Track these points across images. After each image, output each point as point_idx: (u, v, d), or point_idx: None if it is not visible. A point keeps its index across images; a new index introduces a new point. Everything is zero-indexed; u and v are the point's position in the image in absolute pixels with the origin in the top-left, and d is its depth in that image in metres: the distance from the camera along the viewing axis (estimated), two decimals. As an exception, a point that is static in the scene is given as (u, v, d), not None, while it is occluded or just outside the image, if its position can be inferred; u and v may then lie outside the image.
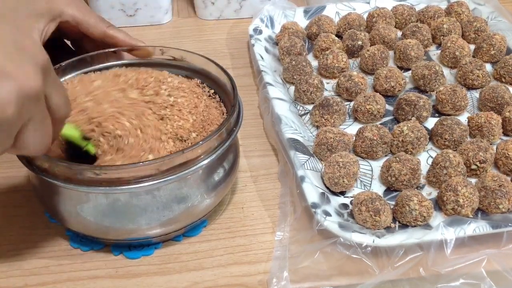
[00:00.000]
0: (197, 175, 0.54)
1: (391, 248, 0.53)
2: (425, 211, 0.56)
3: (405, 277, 0.53)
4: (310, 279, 0.53)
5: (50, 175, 0.51)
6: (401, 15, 0.88)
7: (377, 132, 0.64)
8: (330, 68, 0.78)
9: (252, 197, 0.63)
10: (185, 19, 0.98)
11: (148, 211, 0.52)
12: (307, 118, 0.72)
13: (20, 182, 0.65)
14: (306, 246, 0.55)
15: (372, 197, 0.56)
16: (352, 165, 0.60)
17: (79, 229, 0.55)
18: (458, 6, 0.88)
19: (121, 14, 0.93)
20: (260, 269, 0.55)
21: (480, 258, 0.53)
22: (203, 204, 0.55)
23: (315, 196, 0.58)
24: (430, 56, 0.83)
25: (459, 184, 0.57)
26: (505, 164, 0.62)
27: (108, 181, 0.50)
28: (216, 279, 0.54)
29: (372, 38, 0.83)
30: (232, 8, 0.96)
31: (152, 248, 0.57)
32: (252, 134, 0.71)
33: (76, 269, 0.55)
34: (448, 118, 0.66)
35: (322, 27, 0.85)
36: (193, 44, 0.90)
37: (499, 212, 0.58)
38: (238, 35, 0.92)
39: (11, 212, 0.62)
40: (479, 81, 0.75)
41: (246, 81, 0.81)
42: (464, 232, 0.54)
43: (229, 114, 0.55)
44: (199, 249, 0.57)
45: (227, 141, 0.54)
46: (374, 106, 0.69)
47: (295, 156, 0.63)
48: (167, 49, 0.65)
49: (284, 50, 0.80)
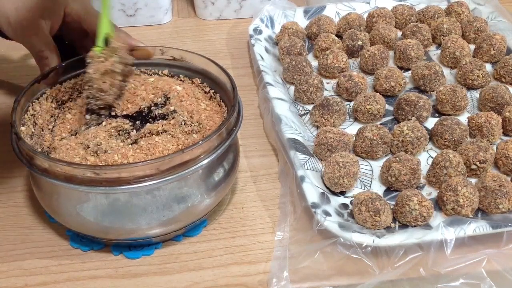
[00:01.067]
0: (197, 175, 0.54)
1: (391, 248, 0.53)
2: (425, 211, 0.56)
3: (405, 277, 0.53)
4: (310, 279, 0.53)
5: (50, 175, 0.51)
6: (401, 15, 0.88)
7: (377, 132, 0.64)
8: (330, 68, 0.78)
9: (252, 197, 0.63)
10: (185, 19, 0.98)
11: (148, 211, 0.52)
12: (307, 118, 0.72)
13: (20, 182, 0.65)
14: (306, 246, 0.55)
15: (372, 197, 0.56)
16: (352, 165, 0.60)
17: (79, 229, 0.55)
18: (458, 6, 0.88)
19: (121, 14, 0.93)
20: (260, 269, 0.55)
21: (480, 258, 0.53)
22: (203, 204, 0.55)
23: (315, 196, 0.58)
24: (430, 56, 0.83)
25: (459, 184, 0.57)
26: (505, 164, 0.62)
27: (108, 181, 0.50)
28: (216, 279, 0.54)
29: (372, 38, 0.83)
30: (232, 8, 0.96)
31: (152, 248, 0.57)
32: (252, 134, 0.71)
33: (76, 269, 0.55)
34: (448, 118, 0.66)
35: (322, 27, 0.85)
36: (193, 44, 0.90)
37: (499, 212, 0.58)
38: (238, 35, 0.92)
39: (11, 212, 0.62)
40: (479, 81, 0.75)
41: (246, 81, 0.81)
42: (464, 232, 0.54)
43: (229, 114, 0.55)
44: (199, 249, 0.57)
45: (227, 141, 0.54)
46: (374, 106, 0.69)
47: (295, 156, 0.63)
48: (167, 49, 0.65)
49: (284, 50, 0.80)
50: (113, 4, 0.92)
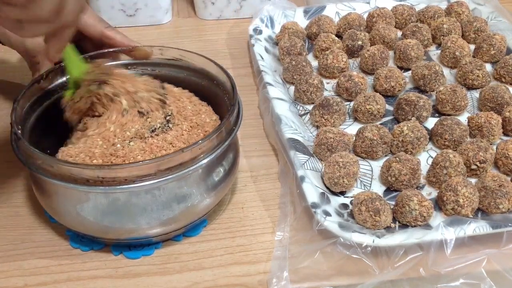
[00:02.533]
0: (197, 175, 0.54)
1: (391, 248, 0.53)
2: (425, 211, 0.56)
3: (405, 277, 0.53)
4: (310, 279, 0.53)
5: (50, 175, 0.51)
6: (401, 15, 0.88)
7: (377, 132, 0.64)
8: (330, 68, 0.78)
9: (252, 197, 0.63)
10: (185, 19, 0.98)
11: (148, 210, 0.52)
12: (307, 118, 0.72)
13: (20, 182, 0.65)
14: (306, 246, 0.55)
15: (372, 197, 0.56)
16: (352, 165, 0.60)
17: (79, 229, 0.55)
18: (458, 6, 0.88)
19: (121, 14, 0.93)
20: (260, 269, 0.55)
21: (480, 258, 0.53)
22: (203, 203, 0.55)
23: (315, 196, 0.58)
24: (430, 56, 0.83)
25: (459, 184, 0.57)
26: (505, 164, 0.62)
27: (108, 181, 0.50)
28: (216, 279, 0.54)
29: (372, 38, 0.83)
30: (232, 8, 0.96)
31: (152, 248, 0.57)
32: (252, 134, 0.71)
33: (76, 269, 0.55)
34: (448, 118, 0.66)
35: (322, 27, 0.85)
36: (193, 44, 0.90)
37: (499, 212, 0.58)
38: (238, 35, 0.92)
39: (11, 212, 0.62)
40: (479, 81, 0.75)
41: (246, 81, 0.81)
42: (464, 232, 0.54)
43: (229, 114, 0.55)
44: (199, 249, 0.57)
45: (227, 141, 0.54)
46: (374, 106, 0.69)
47: (295, 156, 0.63)
48: (167, 49, 0.65)
49: (284, 50, 0.80)
50: (113, 4, 0.92)
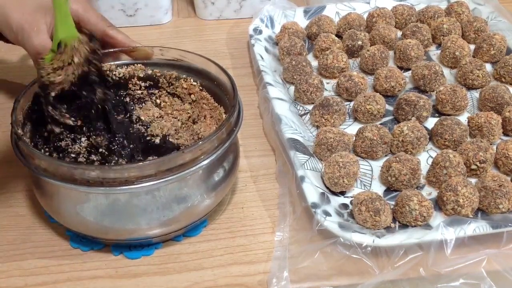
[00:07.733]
0: (197, 175, 0.54)
1: (391, 248, 0.53)
2: (425, 211, 0.56)
3: (405, 277, 0.53)
4: (310, 279, 0.53)
5: (50, 175, 0.51)
6: (401, 15, 0.88)
7: (377, 132, 0.64)
8: (330, 68, 0.78)
9: (252, 197, 0.63)
10: (185, 19, 0.98)
11: (148, 211, 0.52)
12: (307, 118, 0.72)
13: (20, 182, 0.65)
14: (306, 246, 0.55)
15: (372, 197, 0.56)
16: (352, 165, 0.60)
17: (79, 229, 0.55)
18: (458, 6, 0.88)
19: (121, 14, 0.93)
20: (260, 269, 0.55)
21: (480, 258, 0.53)
22: (203, 204, 0.55)
23: (315, 196, 0.58)
24: (430, 56, 0.83)
25: (459, 184, 0.57)
26: (505, 164, 0.62)
27: (108, 181, 0.50)
28: (216, 279, 0.54)
29: (372, 38, 0.83)
30: (232, 8, 0.96)
31: (152, 248, 0.57)
32: (252, 134, 0.71)
33: (76, 269, 0.55)
34: (448, 118, 0.66)
35: (322, 27, 0.85)
36: (193, 44, 0.90)
37: (499, 212, 0.58)
38: (238, 35, 0.92)
39: (11, 212, 0.62)
40: (479, 81, 0.75)
41: (246, 81, 0.81)
42: (464, 232, 0.54)
43: (229, 114, 0.55)
44: (199, 249, 0.57)
45: (227, 141, 0.54)
46: (374, 106, 0.69)
47: (295, 156, 0.63)
48: (167, 50, 0.65)
49: (284, 50, 0.80)
50: (113, 4, 0.92)
